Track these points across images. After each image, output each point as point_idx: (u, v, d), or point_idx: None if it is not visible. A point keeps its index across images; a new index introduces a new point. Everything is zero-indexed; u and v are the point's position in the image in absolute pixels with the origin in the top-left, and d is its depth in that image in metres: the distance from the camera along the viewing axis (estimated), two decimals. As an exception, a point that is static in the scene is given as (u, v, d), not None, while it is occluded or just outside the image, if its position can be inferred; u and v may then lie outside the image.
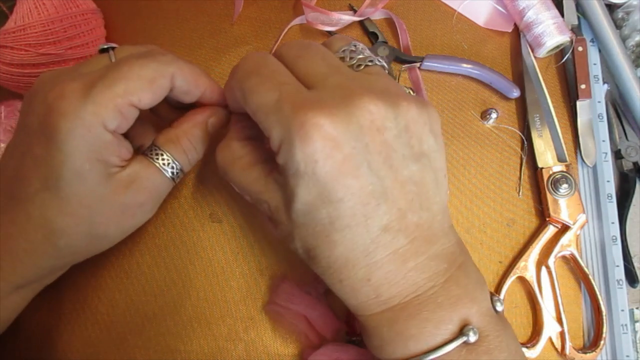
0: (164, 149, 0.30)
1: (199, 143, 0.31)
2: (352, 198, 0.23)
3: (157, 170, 0.29)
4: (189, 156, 0.30)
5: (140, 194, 0.29)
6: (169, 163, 0.29)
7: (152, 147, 0.30)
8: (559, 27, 0.40)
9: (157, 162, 0.29)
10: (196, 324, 0.36)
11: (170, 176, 0.30)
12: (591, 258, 0.38)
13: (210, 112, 0.31)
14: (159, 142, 0.30)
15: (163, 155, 0.29)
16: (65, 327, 0.36)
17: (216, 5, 0.43)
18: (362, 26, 0.42)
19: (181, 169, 0.30)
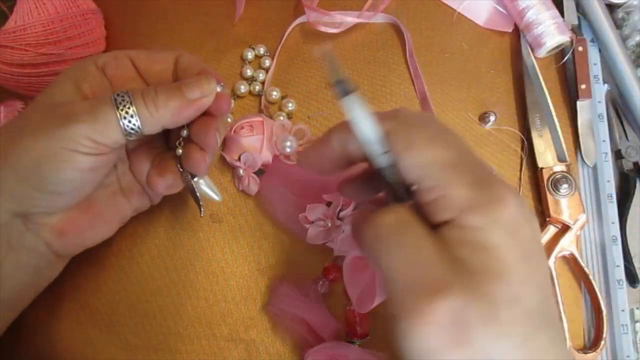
0: (131, 94, 0.27)
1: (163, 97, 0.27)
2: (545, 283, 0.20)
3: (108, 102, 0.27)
4: (148, 108, 0.27)
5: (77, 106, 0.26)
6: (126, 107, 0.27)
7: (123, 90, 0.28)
8: (559, 27, 0.40)
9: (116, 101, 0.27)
10: (196, 324, 0.36)
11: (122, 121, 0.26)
12: (591, 258, 0.38)
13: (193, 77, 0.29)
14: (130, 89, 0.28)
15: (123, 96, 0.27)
16: (65, 327, 0.36)
17: (217, 5, 0.43)
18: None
19: (139, 126, 0.27)
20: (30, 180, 0.26)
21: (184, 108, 0.28)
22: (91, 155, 0.27)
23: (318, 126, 0.40)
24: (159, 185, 0.31)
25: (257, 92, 0.41)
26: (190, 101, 0.28)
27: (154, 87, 0.28)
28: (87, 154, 0.26)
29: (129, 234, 0.37)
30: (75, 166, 0.27)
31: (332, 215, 0.35)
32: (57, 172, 0.26)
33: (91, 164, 0.27)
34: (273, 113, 0.40)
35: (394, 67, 0.42)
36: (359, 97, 0.22)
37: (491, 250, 0.19)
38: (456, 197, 0.20)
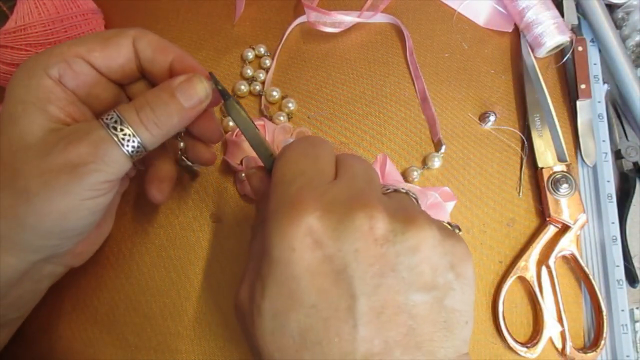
0: (121, 114, 0.25)
1: (164, 115, 0.25)
2: (327, 308, 0.20)
3: (99, 127, 0.24)
4: (150, 129, 0.25)
5: (71, 147, 0.24)
6: (122, 130, 0.24)
7: (109, 112, 0.25)
8: (559, 27, 0.40)
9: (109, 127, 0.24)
10: (196, 324, 0.36)
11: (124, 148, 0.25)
12: (591, 258, 0.38)
13: (182, 77, 0.26)
14: (119, 107, 0.25)
15: (115, 119, 0.25)
16: (65, 327, 0.36)
17: (217, 5, 0.43)
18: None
19: (141, 144, 0.25)
20: (53, 234, 0.25)
21: (184, 119, 0.26)
22: (109, 192, 0.26)
23: (318, 126, 0.40)
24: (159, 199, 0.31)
25: (258, 92, 0.41)
26: (188, 110, 0.26)
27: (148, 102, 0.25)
28: (105, 194, 0.26)
29: (129, 234, 0.37)
30: (97, 209, 0.26)
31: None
32: (80, 220, 0.26)
33: (110, 199, 0.27)
34: (273, 113, 0.40)
35: (394, 67, 0.42)
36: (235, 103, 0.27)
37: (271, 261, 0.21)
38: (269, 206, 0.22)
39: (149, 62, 0.27)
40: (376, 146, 0.40)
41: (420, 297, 0.20)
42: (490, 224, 0.38)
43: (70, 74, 0.26)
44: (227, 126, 0.40)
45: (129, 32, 0.27)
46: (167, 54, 0.27)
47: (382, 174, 0.36)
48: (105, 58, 0.26)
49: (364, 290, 0.20)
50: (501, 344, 0.36)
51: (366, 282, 0.20)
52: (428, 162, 0.39)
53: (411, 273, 0.20)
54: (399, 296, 0.20)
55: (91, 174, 0.24)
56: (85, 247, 0.31)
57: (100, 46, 0.26)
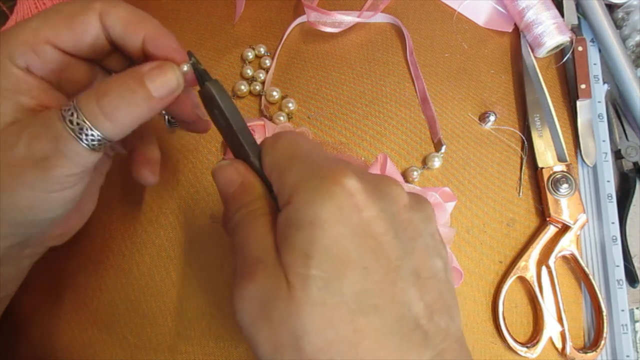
0: (77, 105, 0.23)
1: (127, 104, 0.23)
2: (378, 269, 0.19)
3: (57, 120, 0.23)
4: (112, 120, 0.23)
5: (34, 142, 0.22)
6: (78, 124, 0.22)
7: (69, 102, 0.23)
8: (559, 27, 0.40)
9: (65, 119, 0.22)
10: (197, 324, 0.36)
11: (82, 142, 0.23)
12: (591, 258, 0.38)
13: (153, 65, 0.24)
14: (78, 98, 0.23)
15: (71, 112, 0.23)
16: (65, 327, 0.36)
17: (217, 5, 0.43)
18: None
19: (102, 136, 0.23)
20: (21, 225, 0.25)
21: (152, 109, 0.24)
22: (78, 184, 0.25)
23: (318, 126, 0.40)
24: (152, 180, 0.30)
25: (258, 92, 0.41)
26: (157, 100, 0.24)
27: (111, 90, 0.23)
28: (73, 186, 0.24)
29: (129, 234, 0.37)
30: (67, 200, 0.25)
31: None
32: (49, 212, 0.25)
33: (81, 189, 0.25)
34: (273, 113, 0.40)
35: (394, 67, 0.42)
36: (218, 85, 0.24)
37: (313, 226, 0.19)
38: (289, 180, 0.21)
39: (120, 39, 0.25)
40: (376, 146, 0.40)
41: (440, 263, 0.21)
42: (490, 224, 0.38)
43: (38, 62, 0.24)
44: None
45: (95, 5, 0.24)
46: (138, 30, 0.25)
47: (382, 174, 0.36)
48: (73, 40, 0.24)
49: (405, 251, 0.20)
50: (501, 344, 0.36)
51: (405, 244, 0.20)
52: (428, 162, 0.39)
53: (432, 239, 0.21)
54: (427, 260, 0.21)
55: (53, 169, 0.23)
56: (66, 229, 0.30)
57: (66, 27, 0.24)
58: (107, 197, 0.38)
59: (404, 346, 0.19)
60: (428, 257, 0.21)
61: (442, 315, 0.20)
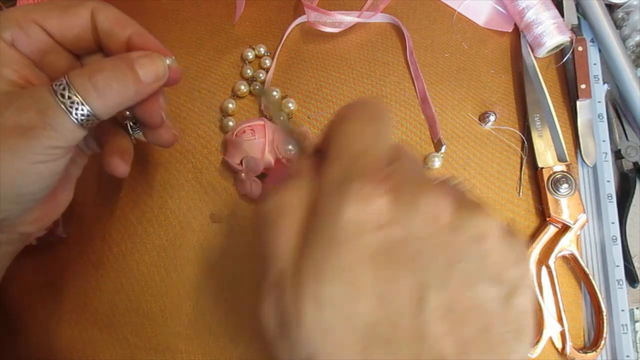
0: (70, 80, 0.24)
1: (118, 82, 0.25)
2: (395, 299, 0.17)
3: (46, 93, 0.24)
4: (102, 96, 0.24)
5: (21, 113, 0.23)
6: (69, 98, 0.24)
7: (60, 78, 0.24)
8: (559, 27, 0.40)
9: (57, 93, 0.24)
10: (196, 324, 0.36)
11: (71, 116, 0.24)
12: (591, 258, 0.38)
13: (142, 52, 0.26)
14: (70, 73, 0.24)
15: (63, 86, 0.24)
16: (65, 327, 0.36)
17: (217, 5, 0.43)
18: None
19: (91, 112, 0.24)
20: (5, 198, 0.25)
21: (140, 93, 0.26)
22: (61, 158, 0.25)
23: (319, 126, 0.40)
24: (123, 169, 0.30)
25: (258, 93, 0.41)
26: (145, 84, 0.26)
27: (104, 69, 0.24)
28: (56, 159, 0.25)
29: (129, 234, 0.37)
30: (49, 174, 0.25)
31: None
32: (31, 185, 0.25)
33: (62, 165, 0.26)
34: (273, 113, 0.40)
35: (394, 67, 0.42)
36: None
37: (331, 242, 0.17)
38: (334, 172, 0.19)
39: (106, 34, 0.27)
40: (376, 146, 0.40)
41: (492, 290, 0.18)
42: (490, 224, 0.38)
43: (24, 38, 0.25)
44: (227, 126, 0.40)
45: (89, 3, 0.26)
46: (126, 28, 0.27)
47: None
48: (61, 26, 0.26)
49: (434, 280, 0.17)
50: (501, 344, 0.36)
51: (435, 272, 0.17)
52: (428, 162, 0.39)
53: (480, 263, 0.18)
54: (470, 288, 0.18)
55: (40, 138, 0.23)
56: (41, 215, 0.30)
57: (57, 14, 0.26)
58: (106, 197, 0.38)
59: None
60: (471, 285, 0.18)
61: (482, 352, 0.17)
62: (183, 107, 0.41)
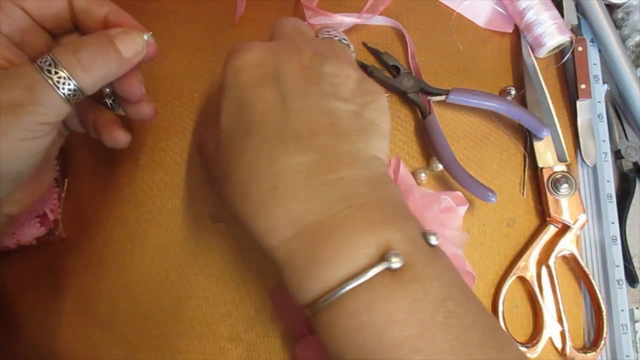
0: (55, 57, 0.25)
1: (102, 57, 0.26)
2: (264, 106, 0.25)
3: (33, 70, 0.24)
4: (88, 71, 0.25)
5: (8, 90, 0.24)
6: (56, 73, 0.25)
7: (44, 55, 0.25)
8: (559, 28, 0.40)
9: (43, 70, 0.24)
10: (197, 324, 0.36)
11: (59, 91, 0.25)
12: (591, 258, 0.38)
13: (120, 29, 0.27)
14: (54, 50, 0.25)
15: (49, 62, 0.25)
16: (65, 327, 0.36)
17: (217, 6, 0.43)
18: (381, 61, 0.41)
19: (77, 86, 0.25)
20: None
21: (121, 67, 0.27)
22: (48, 134, 0.26)
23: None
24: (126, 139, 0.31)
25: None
26: (126, 60, 0.27)
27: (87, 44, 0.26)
28: (44, 135, 0.26)
29: (129, 234, 0.37)
30: (36, 151, 0.26)
31: None
32: (19, 162, 0.26)
33: (49, 141, 0.26)
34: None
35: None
36: None
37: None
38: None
39: (83, 12, 0.28)
40: (376, 146, 0.39)
41: (341, 105, 0.26)
42: (490, 224, 0.38)
43: (5, 19, 0.26)
44: None
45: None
46: (102, 6, 0.28)
47: (395, 178, 0.36)
48: (40, 6, 0.27)
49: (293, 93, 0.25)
50: (501, 344, 0.36)
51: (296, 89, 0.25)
52: (432, 164, 0.38)
53: (332, 87, 0.26)
54: (323, 102, 0.25)
55: (28, 114, 0.24)
56: (23, 196, 0.30)
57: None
58: (106, 197, 0.38)
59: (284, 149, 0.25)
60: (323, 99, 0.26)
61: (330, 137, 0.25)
62: (184, 108, 0.40)
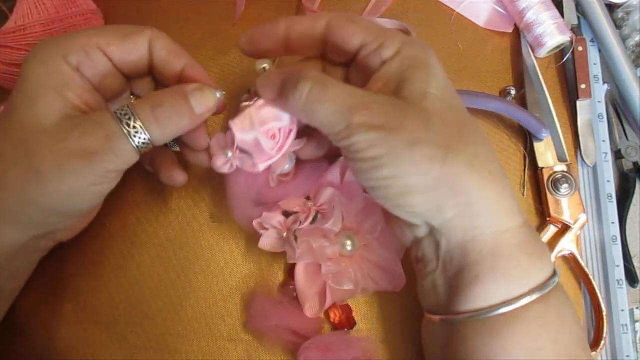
0: (134, 110, 0.26)
1: (177, 115, 0.27)
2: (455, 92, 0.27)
3: (112, 121, 0.26)
4: (161, 127, 0.27)
5: (86, 137, 0.25)
6: (132, 124, 0.26)
7: (123, 107, 0.26)
8: (559, 28, 0.40)
9: (122, 121, 0.26)
10: (196, 324, 0.36)
11: (133, 143, 0.26)
12: (591, 258, 0.38)
13: (195, 86, 0.28)
14: (132, 104, 0.27)
15: (127, 113, 0.26)
16: (65, 327, 0.36)
17: (217, 5, 0.43)
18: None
19: (150, 139, 0.26)
20: (57, 213, 0.27)
21: (193, 123, 0.28)
22: (114, 180, 0.28)
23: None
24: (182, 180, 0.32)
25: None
26: (198, 116, 0.28)
27: (163, 101, 0.27)
28: (111, 181, 0.28)
29: (129, 234, 0.37)
30: (101, 194, 0.28)
31: (288, 226, 0.33)
32: (85, 203, 0.28)
33: (114, 186, 0.28)
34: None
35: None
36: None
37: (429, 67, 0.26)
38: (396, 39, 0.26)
39: (162, 63, 0.29)
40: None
41: None
42: (490, 224, 0.38)
43: (88, 63, 0.27)
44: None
45: (147, 31, 0.28)
46: (180, 58, 0.29)
47: None
48: (122, 53, 0.28)
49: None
50: (501, 344, 0.36)
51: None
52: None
53: None
54: None
55: (102, 162, 0.26)
56: (76, 224, 0.32)
57: (119, 41, 0.27)
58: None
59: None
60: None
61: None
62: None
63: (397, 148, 0.24)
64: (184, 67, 0.29)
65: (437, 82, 0.26)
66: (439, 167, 0.24)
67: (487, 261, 0.24)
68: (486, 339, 0.25)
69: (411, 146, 0.24)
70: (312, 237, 0.33)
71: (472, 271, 0.25)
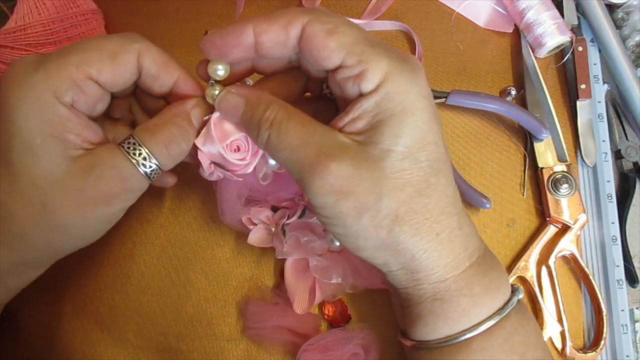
0: (139, 138, 0.26)
1: (183, 138, 0.27)
2: (441, 143, 0.25)
3: (125, 160, 0.25)
4: (169, 150, 0.26)
5: (102, 183, 0.25)
6: (142, 155, 0.25)
7: (128, 137, 0.26)
8: (559, 28, 0.40)
9: (129, 153, 0.25)
10: (197, 324, 0.36)
11: (143, 171, 0.26)
12: (591, 258, 0.38)
13: (195, 102, 0.27)
14: (135, 131, 0.26)
15: (135, 145, 0.25)
16: (65, 327, 0.36)
17: (216, 5, 0.43)
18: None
19: (158, 165, 0.26)
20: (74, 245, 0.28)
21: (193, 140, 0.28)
22: (126, 209, 0.28)
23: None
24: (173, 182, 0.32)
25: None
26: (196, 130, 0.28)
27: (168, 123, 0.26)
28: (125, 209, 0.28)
29: (129, 234, 0.37)
30: (114, 222, 0.28)
31: (276, 221, 0.34)
32: (99, 233, 0.28)
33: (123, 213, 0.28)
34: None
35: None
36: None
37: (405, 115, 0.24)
38: (381, 65, 0.24)
39: (152, 78, 0.27)
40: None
41: None
42: (490, 224, 0.38)
43: (84, 98, 0.25)
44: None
45: (133, 46, 0.26)
46: (172, 72, 0.28)
47: None
48: (113, 77, 0.26)
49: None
50: (501, 344, 0.36)
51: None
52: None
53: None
54: None
55: (121, 202, 0.26)
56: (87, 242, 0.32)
57: (110, 66, 0.25)
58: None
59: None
60: None
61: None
62: (183, 107, 0.40)
63: (346, 215, 0.24)
64: (176, 82, 0.28)
65: (408, 133, 0.24)
66: (384, 235, 0.24)
67: (428, 303, 0.26)
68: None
69: (359, 214, 0.24)
70: (300, 231, 0.33)
71: (415, 310, 0.27)
